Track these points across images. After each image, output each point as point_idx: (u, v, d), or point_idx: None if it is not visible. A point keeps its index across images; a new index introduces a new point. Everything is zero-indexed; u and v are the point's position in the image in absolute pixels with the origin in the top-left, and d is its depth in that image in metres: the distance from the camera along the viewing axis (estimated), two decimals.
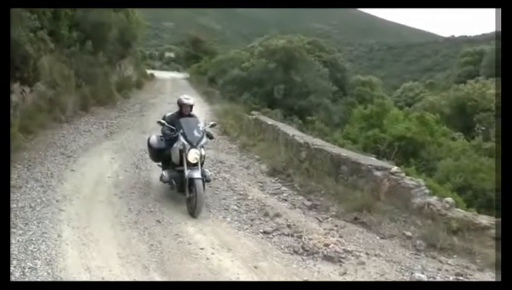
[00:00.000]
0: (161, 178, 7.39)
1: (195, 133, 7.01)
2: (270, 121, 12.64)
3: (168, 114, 7.87)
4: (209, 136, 7.45)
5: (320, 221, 6.75)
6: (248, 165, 10.03)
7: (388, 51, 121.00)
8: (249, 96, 24.87)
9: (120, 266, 4.93)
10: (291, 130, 10.83)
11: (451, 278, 5.02)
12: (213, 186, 8.03)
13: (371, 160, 7.72)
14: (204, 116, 16.50)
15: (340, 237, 6.14)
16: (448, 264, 5.39)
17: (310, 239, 5.92)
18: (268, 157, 10.22)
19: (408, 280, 4.00)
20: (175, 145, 7.06)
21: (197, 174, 6.71)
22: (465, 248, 5.60)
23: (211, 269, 5.01)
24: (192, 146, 6.84)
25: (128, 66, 23.53)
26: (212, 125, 7.85)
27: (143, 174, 8.67)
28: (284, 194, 7.98)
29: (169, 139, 7.24)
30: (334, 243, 5.85)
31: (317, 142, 9.12)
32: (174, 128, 7.09)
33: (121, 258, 5.10)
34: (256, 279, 4.85)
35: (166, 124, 7.20)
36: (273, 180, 8.84)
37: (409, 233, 6.10)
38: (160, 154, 7.64)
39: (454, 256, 5.57)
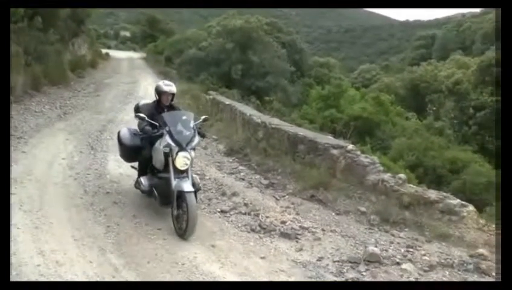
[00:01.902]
0: (138, 186, 6.06)
1: (185, 132, 5.48)
2: (227, 101, 12.61)
3: (142, 102, 6.58)
4: (201, 135, 5.89)
5: (277, 199, 6.83)
6: (205, 145, 9.99)
7: (345, 34, 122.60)
8: (206, 76, 24.60)
9: (75, 248, 4.83)
10: (248, 110, 10.83)
11: (402, 250, 5.22)
12: None
13: (328, 139, 7.85)
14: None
15: (297, 214, 6.25)
16: (399, 237, 5.61)
17: (267, 217, 6.00)
18: (226, 137, 10.22)
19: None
20: (157, 145, 5.63)
21: (187, 185, 5.28)
22: (416, 221, 5.85)
23: (168, 250, 4.99)
24: (181, 148, 5.36)
25: (82, 44, 22.73)
26: (205, 120, 6.28)
27: (99, 155, 8.48)
28: (241, 174, 8.03)
29: (146, 136, 5.78)
30: (291, 221, 5.95)
31: (275, 121, 9.18)
32: (156, 124, 5.62)
33: (76, 241, 4.99)
34: (213, 257, 4.87)
35: (146, 118, 5.63)
36: (231, 160, 8.87)
37: (363, 209, 6.29)
38: (134, 153, 6.24)
39: (406, 229, 5.80)
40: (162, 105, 6.00)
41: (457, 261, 5.00)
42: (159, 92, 6.03)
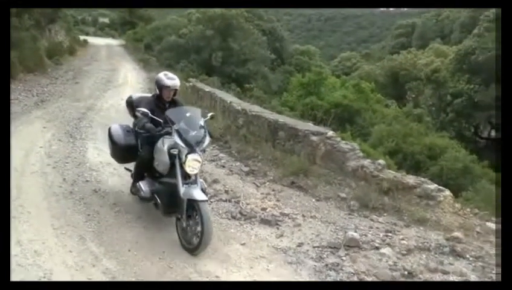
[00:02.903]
0: (135, 191, 5.45)
1: (195, 131, 4.80)
2: (207, 88, 12.56)
3: (136, 96, 5.98)
4: (210, 135, 5.15)
5: (257, 186, 6.85)
6: None
7: (326, 22, 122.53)
8: (186, 63, 24.41)
9: (54, 237, 4.77)
10: (228, 97, 10.82)
11: (381, 235, 5.31)
12: None
13: (308, 126, 7.89)
14: (142, 84, 16.15)
15: (277, 201, 6.28)
16: (378, 222, 5.70)
17: (247, 204, 6.02)
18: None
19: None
20: (159, 145, 4.94)
21: (199, 193, 4.59)
22: (394, 206, 5.95)
23: (149, 237, 4.97)
24: (192, 150, 4.68)
25: (60, 31, 22.28)
26: (212, 117, 5.58)
27: (78, 143, 8.37)
28: (222, 161, 8.02)
29: (148, 136, 5.06)
30: (271, 207, 5.98)
31: (255, 108, 9.18)
32: (159, 121, 4.93)
33: (55, 230, 4.93)
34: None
35: (149, 114, 4.92)
36: (211, 147, 8.85)
37: (343, 195, 6.36)
38: (129, 154, 5.63)
39: (385, 214, 5.89)
40: (163, 100, 5.27)
41: (434, 244, 5.11)
42: (160, 86, 5.20)
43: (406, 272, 4.55)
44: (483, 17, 25.47)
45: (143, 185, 5.23)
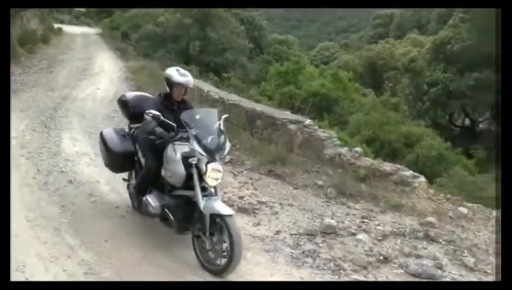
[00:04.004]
0: (142, 208, 4.69)
1: (214, 136, 4.22)
2: None
3: (132, 95, 5.33)
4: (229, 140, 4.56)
5: (235, 175, 6.85)
6: None
7: (305, 12, 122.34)
8: (164, 52, 24.15)
9: (28, 229, 4.71)
10: (206, 86, 10.76)
11: (358, 221, 5.38)
12: None
13: (286, 114, 7.91)
14: (119, 74, 15.91)
15: (255, 189, 6.30)
16: (355, 209, 5.78)
17: (225, 193, 6.01)
18: None
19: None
20: (170, 153, 4.32)
21: (223, 207, 4.06)
22: (371, 193, 6.04)
23: (126, 228, 4.94)
24: (213, 158, 4.12)
25: (32, 18, 21.67)
26: (226, 119, 4.73)
27: (53, 133, 8.24)
28: None
29: (161, 142, 4.38)
30: (249, 196, 5.99)
31: (233, 97, 9.16)
32: (173, 124, 4.35)
33: (29, 222, 4.87)
34: (169, 232, 4.84)
35: (161, 117, 4.28)
36: None
37: (320, 182, 6.41)
38: (126, 162, 5.06)
39: (361, 201, 5.97)
40: (172, 100, 4.63)
41: (408, 229, 5.21)
42: (170, 83, 4.54)
43: (381, 257, 4.63)
44: (459, 8, 25.80)
45: (151, 200, 4.52)
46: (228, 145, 4.37)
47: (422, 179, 6.14)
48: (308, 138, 6.95)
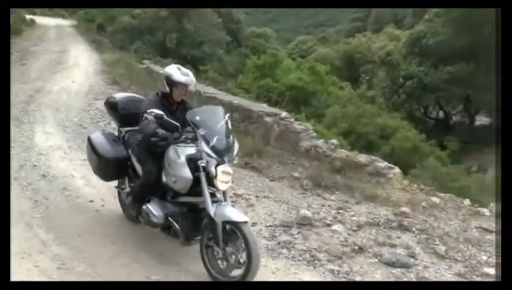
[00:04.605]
0: (142, 217, 4.34)
1: (221, 137, 3.91)
2: (161, 70, 12.31)
3: (121, 96, 5.02)
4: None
5: None
6: None
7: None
8: (140, 45, 23.88)
9: None
10: None
11: (333, 212, 5.44)
12: None
13: (262, 107, 7.93)
14: (94, 66, 15.69)
15: (231, 182, 6.28)
16: (331, 200, 5.83)
17: None
18: None
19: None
20: (172, 156, 4.00)
21: (237, 213, 3.81)
22: (346, 184, 6.11)
23: (101, 221, 4.90)
24: (222, 160, 3.84)
25: None
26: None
27: (25, 127, 8.11)
28: None
29: (164, 144, 4.05)
30: None
31: (209, 90, 9.13)
32: (177, 124, 4.02)
33: None
34: (146, 226, 4.80)
35: (164, 116, 3.96)
36: None
37: (296, 174, 6.45)
38: (121, 169, 4.69)
39: (337, 192, 6.03)
40: (171, 100, 4.31)
41: (383, 219, 5.29)
42: (171, 82, 4.21)
43: (356, 247, 4.69)
44: None
45: (153, 209, 4.15)
46: (237, 145, 4.06)
47: (396, 170, 6.24)
48: (284, 130, 6.97)
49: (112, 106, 4.90)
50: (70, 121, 8.91)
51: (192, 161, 3.87)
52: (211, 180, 3.79)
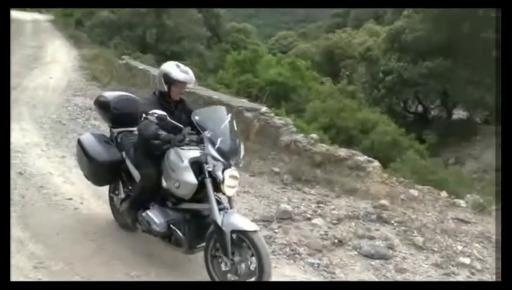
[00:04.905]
0: (142, 225, 4.07)
1: (227, 139, 3.66)
2: (141, 66, 12.27)
3: (114, 95, 4.71)
4: None
5: None
6: None
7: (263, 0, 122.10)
8: (119, 40, 23.54)
9: None
10: None
11: (313, 206, 5.47)
12: (82, 133, 7.66)
13: (242, 102, 7.92)
14: (73, 62, 15.44)
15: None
16: (311, 194, 5.88)
17: None
18: None
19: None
20: (173, 159, 3.76)
21: (245, 221, 3.59)
22: (326, 178, 6.16)
23: (80, 219, 4.82)
24: (228, 164, 3.60)
25: None
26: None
27: None
28: None
29: (165, 147, 3.82)
30: None
31: (189, 85, 9.04)
32: (181, 126, 3.82)
33: None
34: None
35: (167, 117, 3.69)
36: None
37: (277, 169, 6.47)
38: (115, 173, 4.45)
39: (317, 186, 6.08)
40: (169, 100, 4.04)
41: (362, 212, 5.36)
42: (169, 80, 3.93)
43: (336, 240, 4.74)
44: None
45: (154, 216, 3.88)
46: (242, 148, 3.81)
47: (376, 163, 6.31)
48: (264, 125, 6.98)
49: (103, 105, 4.65)
50: (47, 117, 8.75)
51: (195, 165, 3.66)
52: (216, 186, 3.56)
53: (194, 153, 3.72)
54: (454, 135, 21.81)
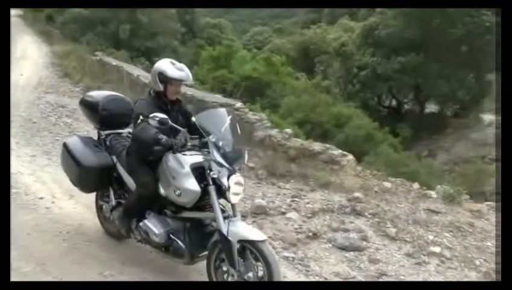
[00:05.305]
0: (141, 235, 3.83)
1: (231, 143, 3.47)
2: (114, 62, 12.09)
3: (103, 95, 4.43)
4: None
5: None
6: None
7: None
8: (92, 36, 23.04)
9: None
10: (136, 71, 10.56)
11: (288, 201, 5.51)
12: (54, 132, 7.53)
13: (216, 98, 7.91)
14: (44, 59, 15.11)
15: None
16: (285, 188, 5.92)
17: None
18: None
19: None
20: (173, 165, 3.51)
21: (252, 230, 3.45)
22: (301, 172, 6.21)
23: (51, 218, 4.73)
24: (233, 170, 3.41)
25: None
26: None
27: None
28: None
29: (167, 153, 3.56)
30: None
31: None
32: (183, 130, 3.59)
33: None
34: (97, 221, 4.70)
35: (170, 121, 3.42)
36: None
37: (251, 164, 6.47)
38: (104, 179, 4.19)
39: (292, 181, 6.12)
40: (165, 100, 3.75)
41: (337, 206, 5.42)
42: (165, 78, 3.66)
43: (310, 234, 4.79)
44: None
45: (153, 226, 3.66)
46: (246, 152, 3.67)
47: (350, 157, 6.38)
48: (238, 121, 6.97)
49: (90, 106, 4.35)
50: (18, 116, 8.55)
51: (196, 171, 3.44)
52: (221, 193, 3.37)
53: (194, 158, 3.49)
54: (427, 128, 22.28)
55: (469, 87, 23.87)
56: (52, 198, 5.21)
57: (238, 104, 7.30)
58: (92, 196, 4.49)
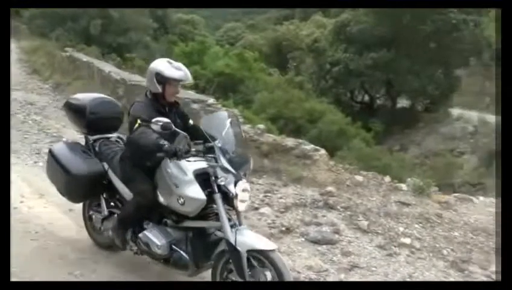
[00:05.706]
0: (141, 247, 3.59)
1: (235, 147, 3.32)
2: (85, 58, 11.90)
3: (87, 96, 4.20)
4: None
5: None
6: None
7: None
8: (62, 32, 22.57)
9: None
10: (107, 67, 10.42)
11: (261, 196, 5.52)
12: (22, 130, 7.37)
13: (189, 94, 7.83)
14: (11, 55, 14.71)
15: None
16: (258, 184, 5.91)
17: None
18: None
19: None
20: (174, 172, 3.34)
21: (261, 239, 3.25)
22: (274, 168, 6.21)
23: (19, 219, 4.60)
24: (239, 175, 3.25)
25: None
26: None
27: None
28: None
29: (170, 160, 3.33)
30: None
31: (135, 78, 8.94)
32: (186, 135, 3.34)
33: None
34: (70, 222, 4.61)
35: (173, 126, 3.21)
36: None
37: None
38: (95, 188, 3.93)
39: (264, 176, 6.12)
40: (163, 102, 3.56)
41: (309, 200, 5.45)
42: (163, 79, 3.47)
43: (283, 228, 4.80)
44: None
45: (155, 238, 3.45)
46: (250, 157, 3.52)
47: (322, 151, 6.43)
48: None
49: (76, 110, 4.10)
50: None
51: (198, 178, 3.27)
52: (227, 201, 3.21)
53: (196, 164, 3.31)
54: (399, 123, 22.70)
55: (438, 82, 24.43)
56: (20, 197, 5.10)
57: (211, 100, 7.26)
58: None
